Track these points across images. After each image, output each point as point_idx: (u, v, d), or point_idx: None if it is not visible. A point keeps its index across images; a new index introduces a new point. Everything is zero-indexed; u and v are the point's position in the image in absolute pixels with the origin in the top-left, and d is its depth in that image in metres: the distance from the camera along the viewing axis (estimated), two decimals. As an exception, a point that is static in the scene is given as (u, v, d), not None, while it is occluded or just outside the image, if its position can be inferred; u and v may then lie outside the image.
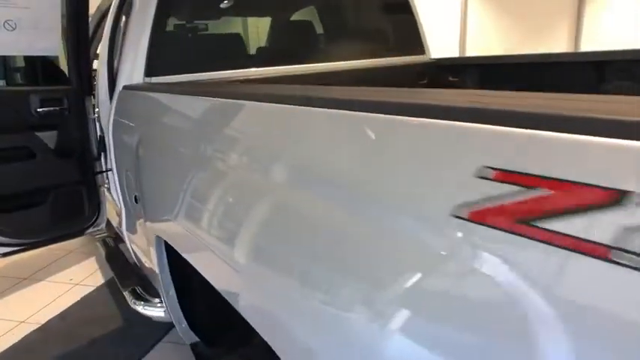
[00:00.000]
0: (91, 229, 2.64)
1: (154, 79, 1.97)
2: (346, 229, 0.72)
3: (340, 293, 0.71)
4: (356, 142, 0.74)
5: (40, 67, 2.99)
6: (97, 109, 2.65)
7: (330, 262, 0.74)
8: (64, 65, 2.50)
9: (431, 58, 2.77)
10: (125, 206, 2.17)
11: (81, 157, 2.47)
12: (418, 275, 0.60)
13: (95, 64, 2.85)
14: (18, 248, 2.38)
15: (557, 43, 5.98)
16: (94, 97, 2.52)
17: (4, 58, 2.90)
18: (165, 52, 2.05)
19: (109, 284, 3.31)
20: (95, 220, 2.63)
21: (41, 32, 2.26)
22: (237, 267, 0.98)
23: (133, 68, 1.96)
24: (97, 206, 2.60)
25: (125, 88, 1.90)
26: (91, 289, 3.29)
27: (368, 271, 0.67)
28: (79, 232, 2.61)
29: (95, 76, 2.64)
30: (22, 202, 2.34)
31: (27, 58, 3.05)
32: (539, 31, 5.94)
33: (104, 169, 2.73)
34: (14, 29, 2.22)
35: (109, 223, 2.76)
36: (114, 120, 1.98)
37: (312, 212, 0.80)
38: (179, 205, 1.31)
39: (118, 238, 2.86)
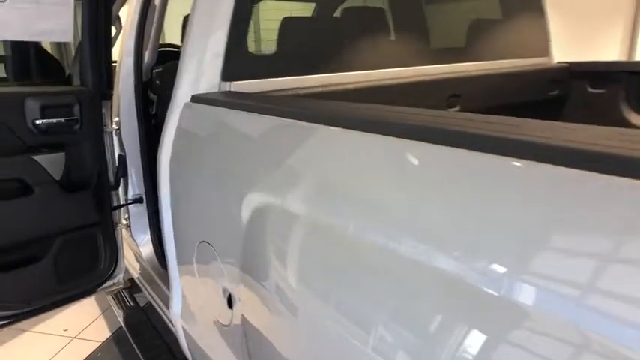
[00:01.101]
0: (106, 284, 1.92)
1: (237, 85, 1.27)
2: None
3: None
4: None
5: (34, 58, 2.23)
6: (116, 119, 1.92)
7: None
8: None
9: (559, 62, 2.14)
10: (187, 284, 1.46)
11: (96, 190, 1.74)
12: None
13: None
14: (7, 321, 1.65)
15: (609, 48, 5.46)
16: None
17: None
18: (253, 47, 1.34)
19: (118, 340, 2.58)
20: (112, 272, 1.91)
21: (45, 8, 1.52)
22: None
23: (203, 68, 1.25)
24: (114, 253, 1.88)
25: (197, 99, 1.19)
26: (94, 345, 2.56)
27: None
28: (91, 291, 1.88)
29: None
30: (14, 257, 1.60)
31: (13, 45, 2.29)
32: (591, 33, 5.41)
33: (125, 202, 2.01)
34: (4, 1, 1.48)
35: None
36: (177, 149, 1.26)
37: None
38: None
39: (136, 289, 2.14)
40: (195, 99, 1.20)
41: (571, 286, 0.46)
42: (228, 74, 1.25)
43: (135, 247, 2.09)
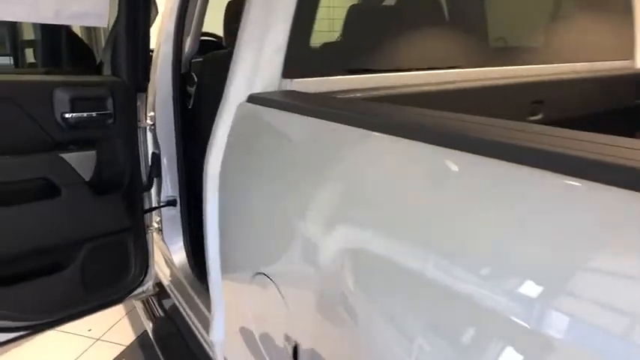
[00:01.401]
0: (135, 292, 1.76)
1: (299, 83, 1.08)
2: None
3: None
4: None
5: (64, 44, 2.07)
6: (150, 113, 1.75)
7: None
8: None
9: (647, 65, 1.88)
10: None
11: (128, 191, 1.58)
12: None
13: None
14: (26, 332, 1.50)
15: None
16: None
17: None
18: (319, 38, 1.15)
19: (142, 344, 2.45)
20: (142, 280, 1.75)
21: (79, -13, 1.35)
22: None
23: (261, 63, 1.06)
24: (145, 260, 1.72)
25: (255, 100, 1.00)
26: (118, 349, 2.43)
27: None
28: (119, 300, 1.73)
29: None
30: (37, 265, 1.45)
31: (43, 28, 2.14)
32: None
33: (158, 205, 1.84)
34: (34, -20, 1.31)
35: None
36: (229, 157, 1.07)
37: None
38: None
39: (166, 298, 1.98)
40: (253, 99, 1.01)
41: None
42: (290, 71, 1.06)
43: (166, 252, 1.93)
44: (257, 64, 1.05)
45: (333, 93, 1.10)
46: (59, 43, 2.22)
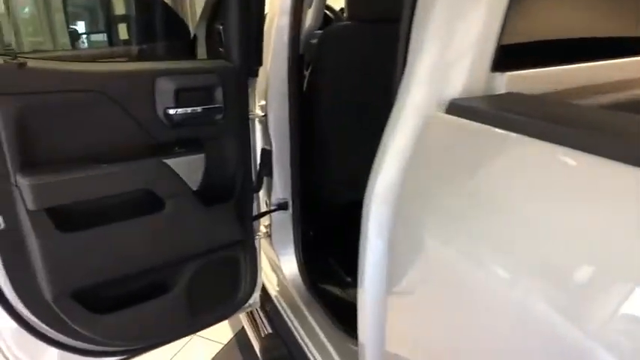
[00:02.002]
0: (242, 308, 1.55)
1: (518, 77, 0.71)
2: None
3: None
4: None
5: (158, 17, 1.83)
6: (261, 102, 1.47)
7: None
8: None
9: None
10: None
11: (239, 198, 1.33)
12: None
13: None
14: (120, 358, 1.33)
15: None
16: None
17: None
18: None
19: (240, 344, 2.29)
20: (251, 294, 1.53)
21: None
22: None
23: (456, 51, 0.70)
24: (254, 272, 1.49)
25: (461, 111, 0.65)
26: (216, 347, 2.29)
27: None
28: (225, 317, 1.52)
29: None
30: (137, 288, 1.26)
31: (136, 2, 1.92)
32: None
33: (268, 209, 1.59)
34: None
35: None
36: (413, 188, 0.73)
37: None
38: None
39: (269, 302, 1.75)
40: (457, 109, 0.66)
41: None
42: (502, 62, 0.70)
43: (274, 259, 1.70)
44: (451, 55, 0.69)
45: (570, 94, 0.72)
46: (152, 18, 1.99)
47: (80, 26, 2.34)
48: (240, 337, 2.33)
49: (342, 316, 1.47)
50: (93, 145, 1.07)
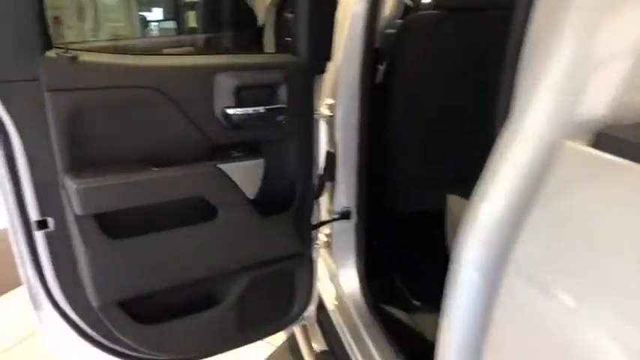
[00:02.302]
0: (296, 321, 1.43)
1: None
2: None
3: None
4: None
5: (226, 5, 1.74)
6: (328, 101, 1.33)
7: None
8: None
9: None
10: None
11: (300, 208, 1.20)
12: None
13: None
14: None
15: None
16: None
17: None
18: None
19: (292, 349, 2.20)
20: (306, 307, 1.41)
21: None
22: None
23: (603, 52, 0.51)
24: (310, 285, 1.36)
25: (620, 145, 0.46)
26: (269, 349, 2.22)
27: None
28: (276, 331, 1.41)
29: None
30: (186, 299, 1.17)
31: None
32: None
33: (330, 217, 1.46)
34: None
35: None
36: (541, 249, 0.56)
37: None
38: None
39: (323, 313, 1.62)
40: (611, 143, 0.47)
41: None
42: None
43: (333, 269, 1.57)
44: (596, 61, 0.50)
45: None
46: (220, 5, 1.90)
47: (149, 13, 2.34)
48: (293, 342, 2.24)
49: (407, 345, 1.31)
50: (144, 146, 0.98)
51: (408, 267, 1.66)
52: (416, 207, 1.65)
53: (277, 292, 1.31)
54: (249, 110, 1.03)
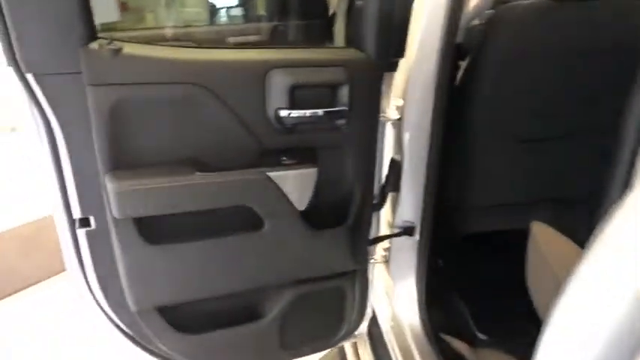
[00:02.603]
0: (345, 340, 1.32)
1: None
2: None
3: None
4: None
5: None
6: (398, 102, 1.18)
7: None
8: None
9: None
10: None
11: (356, 222, 1.07)
12: None
13: None
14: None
15: None
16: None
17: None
18: None
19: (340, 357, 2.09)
20: (357, 327, 1.29)
21: None
22: None
23: None
24: (364, 303, 1.24)
25: None
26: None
27: None
28: (323, 349, 1.30)
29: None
30: (227, 310, 1.09)
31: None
32: None
33: (391, 231, 1.31)
34: None
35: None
36: None
37: None
38: None
39: (383, 350, 1.49)
40: None
41: None
42: None
43: (389, 285, 1.42)
44: None
45: None
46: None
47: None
48: (342, 354, 2.14)
49: None
50: (188, 147, 0.90)
51: (475, 294, 1.48)
52: (490, 226, 1.46)
53: (326, 309, 1.19)
54: (305, 113, 0.91)
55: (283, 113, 0.90)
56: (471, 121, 1.26)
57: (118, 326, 1.07)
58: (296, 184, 0.96)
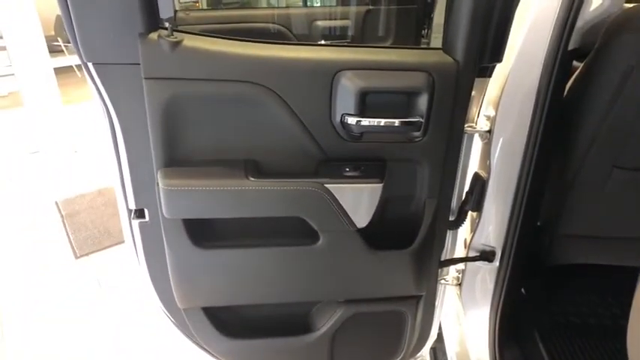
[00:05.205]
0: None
1: None
2: None
3: None
4: None
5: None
6: (488, 112, 1.02)
7: None
8: None
9: None
10: None
11: (426, 243, 0.95)
12: None
13: None
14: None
15: None
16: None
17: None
18: None
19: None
20: (418, 351, 1.19)
21: None
22: None
23: None
24: (428, 327, 1.12)
25: None
26: None
27: None
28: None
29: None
30: (275, 319, 1.04)
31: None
32: None
33: (467, 256, 1.17)
34: None
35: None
36: None
37: None
38: None
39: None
40: None
41: None
42: None
43: (459, 309, 1.29)
44: None
45: None
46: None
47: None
48: None
49: None
50: (244, 150, 0.84)
51: (558, 337, 1.29)
52: (581, 259, 1.25)
53: (382, 331, 1.10)
54: (381, 123, 0.81)
55: (351, 120, 0.80)
56: (578, 139, 1.06)
57: (168, 317, 1.07)
58: (358, 198, 0.86)
